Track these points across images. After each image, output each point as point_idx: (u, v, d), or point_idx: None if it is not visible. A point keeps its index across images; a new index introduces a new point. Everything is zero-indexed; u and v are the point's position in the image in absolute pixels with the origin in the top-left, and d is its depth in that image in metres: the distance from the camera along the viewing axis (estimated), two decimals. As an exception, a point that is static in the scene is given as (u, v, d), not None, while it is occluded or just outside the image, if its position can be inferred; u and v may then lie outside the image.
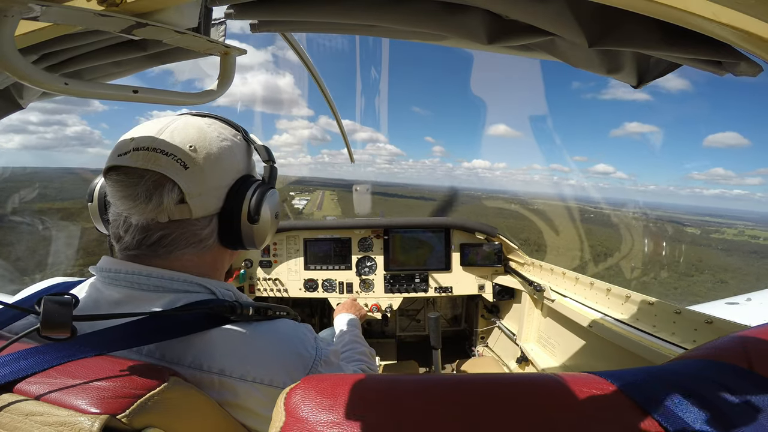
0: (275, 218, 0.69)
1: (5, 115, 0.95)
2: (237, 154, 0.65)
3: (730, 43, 0.55)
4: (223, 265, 0.71)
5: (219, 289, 0.62)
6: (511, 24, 0.68)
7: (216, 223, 0.63)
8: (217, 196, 0.61)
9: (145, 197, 0.56)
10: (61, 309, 0.42)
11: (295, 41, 1.38)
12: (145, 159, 0.55)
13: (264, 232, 0.66)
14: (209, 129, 0.62)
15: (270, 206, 0.66)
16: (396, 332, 2.72)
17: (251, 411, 0.56)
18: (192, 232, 0.60)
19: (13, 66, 0.45)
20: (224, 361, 0.54)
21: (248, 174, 0.67)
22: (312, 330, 0.68)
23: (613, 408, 0.33)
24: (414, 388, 0.35)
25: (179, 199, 0.57)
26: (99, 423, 0.37)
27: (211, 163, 0.59)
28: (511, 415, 0.32)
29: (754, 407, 0.31)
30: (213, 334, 0.55)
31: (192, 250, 0.61)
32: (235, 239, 0.65)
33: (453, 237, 2.19)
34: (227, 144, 0.63)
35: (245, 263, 2.19)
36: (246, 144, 0.69)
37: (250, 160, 0.70)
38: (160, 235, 0.59)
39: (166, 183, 0.56)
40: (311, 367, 0.61)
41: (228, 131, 0.66)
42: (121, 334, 0.51)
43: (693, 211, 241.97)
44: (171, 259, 0.60)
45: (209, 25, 0.68)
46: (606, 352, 1.35)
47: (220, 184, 0.62)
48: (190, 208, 0.57)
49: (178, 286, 0.59)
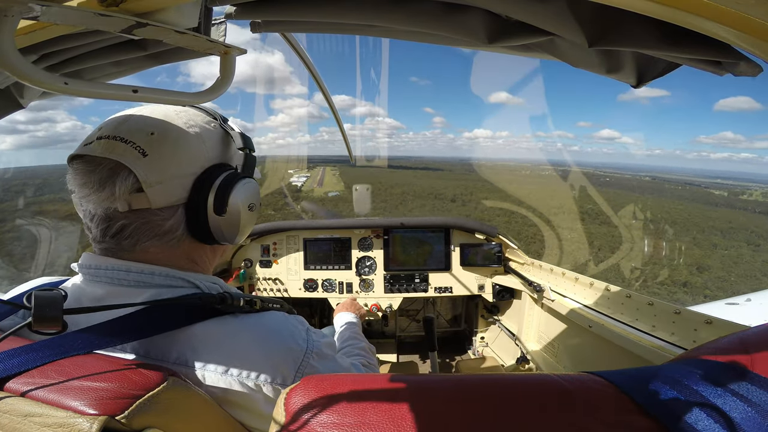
0: (249, 210, 0.64)
1: (5, 115, 0.95)
2: (207, 142, 0.61)
3: (730, 43, 0.55)
4: (204, 260, 0.67)
5: (204, 283, 0.60)
6: (511, 24, 0.68)
7: (182, 214, 0.59)
8: (181, 185, 0.58)
9: (98, 185, 0.54)
10: (51, 303, 0.42)
11: (295, 41, 1.38)
12: (105, 147, 0.54)
13: (234, 224, 0.62)
14: (176, 116, 0.60)
15: (241, 197, 0.61)
16: (396, 332, 2.72)
17: (243, 406, 0.55)
18: (154, 222, 0.57)
19: (13, 66, 0.45)
20: (209, 357, 0.53)
21: (223, 163, 0.63)
22: (304, 322, 0.65)
23: (613, 408, 0.33)
24: (413, 388, 0.35)
25: (136, 187, 0.54)
26: (98, 424, 0.37)
27: (173, 151, 0.56)
28: (511, 415, 0.32)
29: (754, 407, 0.31)
30: (197, 328, 0.54)
31: (157, 242, 0.58)
32: (205, 232, 0.61)
33: (453, 237, 2.19)
34: (195, 131, 0.60)
35: (245, 263, 2.19)
36: (223, 132, 0.65)
37: (227, 148, 0.66)
38: (121, 225, 0.56)
39: (121, 171, 0.54)
40: (302, 360, 0.58)
41: (200, 118, 0.63)
42: (107, 331, 0.50)
43: (702, 174, 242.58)
44: (137, 252, 0.58)
45: (209, 25, 0.68)
46: (606, 352, 1.35)
47: (184, 172, 0.58)
48: (147, 197, 0.55)
49: (160, 280, 0.57)
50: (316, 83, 1.87)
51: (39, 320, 0.42)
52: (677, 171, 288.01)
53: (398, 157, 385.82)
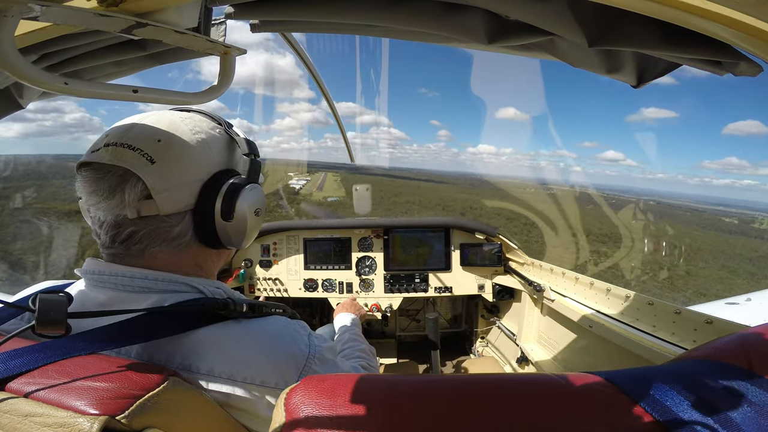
0: (255, 215, 0.65)
1: (5, 115, 0.95)
2: (213, 148, 0.62)
3: (730, 43, 0.55)
4: (209, 265, 0.68)
5: (208, 288, 0.61)
6: (511, 24, 0.68)
7: (190, 220, 0.60)
8: (189, 191, 0.59)
9: (108, 193, 0.55)
10: (55, 306, 0.42)
11: (295, 41, 1.38)
12: (113, 154, 0.55)
13: (242, 229, 0.63)
14: (182, 123, 0.60)
15: (248, 202, 0.62)
16: (396, 332, 2.72)
17: (245, 411, 0.55)
18: (163, 229, 0.58)
19: (13, 66, 0.45)
20: (212, 362, 0.53)
21: (228, 168, 0.64)
22: (306, 327, 0.65)
23: (613, 408, 0.33)
24: (414, 389, 0.35)
25: (145, 194, 0.55)
26: (98, 424, 0.37)
27: (180, 158, 0.57)
28: (511, 415, 0.32)
29: (754, 407, 0.31)
30: (201, 333, 0.54)
31: (165, 247, 0.59)
32: (212, 237, 0.62)
33: (453, 237, 2.19)
34: (201, 137, 0.61)
35: (245, 263, 2.19)
36: (228, 138, 0.66)
37: (232, 154, 0.66)
38: (130, 232, 0.57)
39: (130, 178, 0.55)
40: (304, 366, 0.58)
41: (206, 125, 0.63)
42: (110, 334, 0.50)
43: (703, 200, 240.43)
44: (146, 258, 0.59)
45: (209, 25, 0.68)
46: (606, 352, 1.35)
47: (191, 179, 0.59)
48: (156, 204, 0.55)
49: (163, 286, 0.58)
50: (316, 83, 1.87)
51: (43, 323, 0.42)
52: (677, 196, 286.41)
53: (401, 168, 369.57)
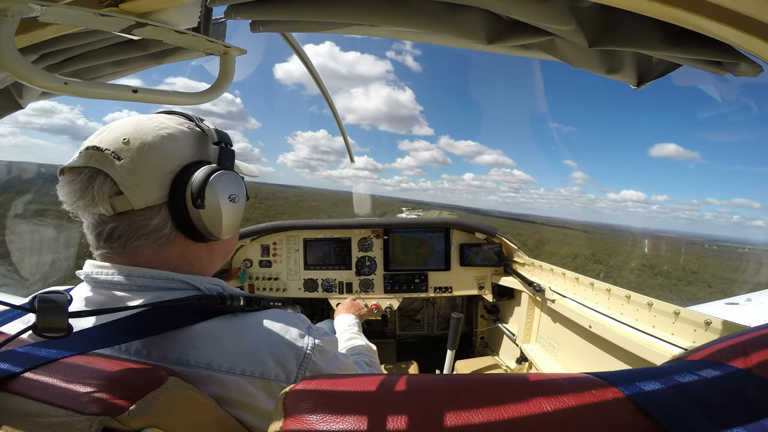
0: (230, 201, 0.65)
1: (5, 115, 0.95)
2: (181, 142, 0.63)
3: (730, 43, 0.55)
4: (200, 260, 0.68)
5: (204, 285, 0.61)
6: (511, 24, 0.68)
7: (166, 212, 0.61)
8: (159, 184, 0.60)
9: (81, 192, 0.57)
10: (56, 306, 0.42)
11: (295, 41, 1.38)
12: (84, 157, 0.58)
13: (216, 217, 0.63)
14: (148, 122, 0.62)
15: (219, 188, 0.62)
16: (396, 332, 2.72)
17: (245, 404, 0.55)
18: (140, 223, 0.59)
19: (13, 66, 0.45)
20: (211, 355, 0.54)
21: (200, 160, 0.64)
22: (305, 319, 0.65)
23: (613, 408, 0.33)
24: (414, 389, 0.35)
25: (115, 191, 0.57)
26: (98, 424, 0.37)
27: (146, 152, 0.59)
28: (511, 416, 0.32)
29: (753, 408, 0.31)
30: (198, 328, 0.55)
31: (145, 241, 0.60)
32: (191, 228, 0.62)
33: (453, 237, 2.19)
34: (167, 132, 0.62)
35: (245, 263, 2.19)
36: (199, 132, 0.66)
37: (204, 146, 0.67)
38: (110, 229, 0.59)
39: (98, 176, 0.57)
40: (304, 357, 0.58)
41: (173, 122, 0.64)
42: (108, 332, 0.51)
43: None
44: (130, 253, 0.60)
45: (209, 24, 0.68)
46: (606, 352, 1.35)
47: (160, 171, 0.60)
48: (128, 199, 0.57)
49: (160, 284, 0.59)
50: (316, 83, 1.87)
51: (44, 323, 0.42)
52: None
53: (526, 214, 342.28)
